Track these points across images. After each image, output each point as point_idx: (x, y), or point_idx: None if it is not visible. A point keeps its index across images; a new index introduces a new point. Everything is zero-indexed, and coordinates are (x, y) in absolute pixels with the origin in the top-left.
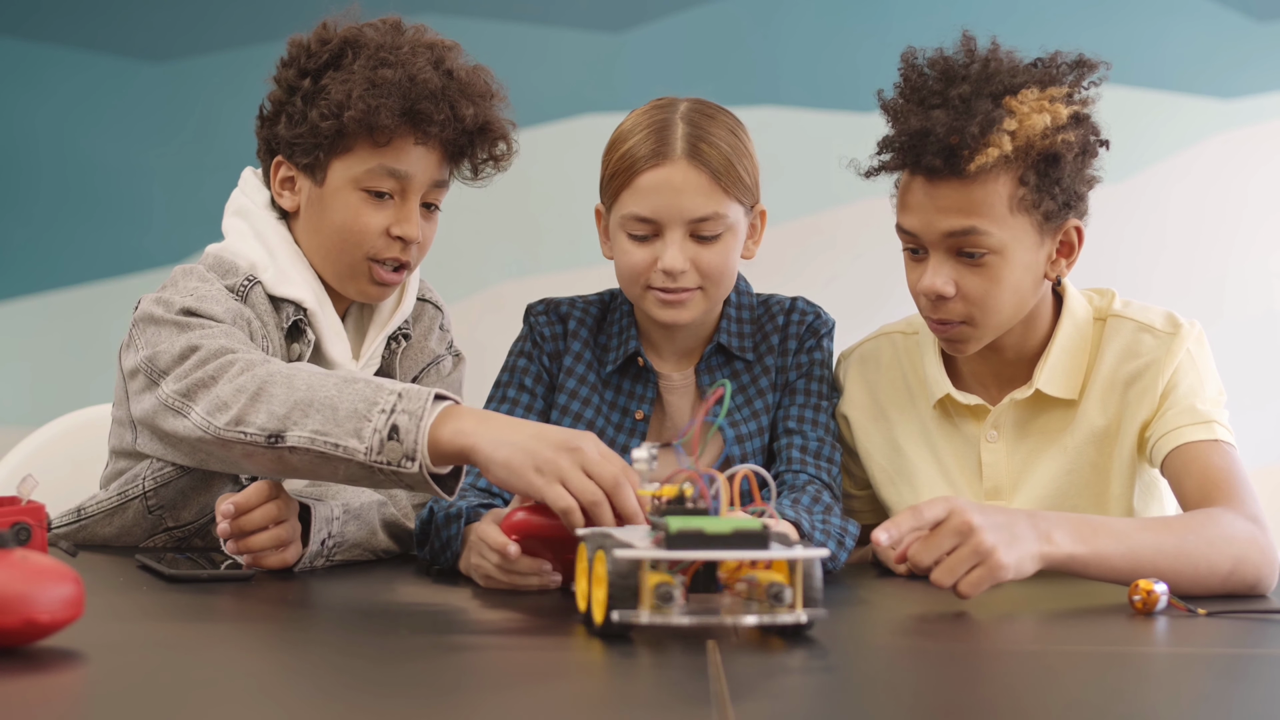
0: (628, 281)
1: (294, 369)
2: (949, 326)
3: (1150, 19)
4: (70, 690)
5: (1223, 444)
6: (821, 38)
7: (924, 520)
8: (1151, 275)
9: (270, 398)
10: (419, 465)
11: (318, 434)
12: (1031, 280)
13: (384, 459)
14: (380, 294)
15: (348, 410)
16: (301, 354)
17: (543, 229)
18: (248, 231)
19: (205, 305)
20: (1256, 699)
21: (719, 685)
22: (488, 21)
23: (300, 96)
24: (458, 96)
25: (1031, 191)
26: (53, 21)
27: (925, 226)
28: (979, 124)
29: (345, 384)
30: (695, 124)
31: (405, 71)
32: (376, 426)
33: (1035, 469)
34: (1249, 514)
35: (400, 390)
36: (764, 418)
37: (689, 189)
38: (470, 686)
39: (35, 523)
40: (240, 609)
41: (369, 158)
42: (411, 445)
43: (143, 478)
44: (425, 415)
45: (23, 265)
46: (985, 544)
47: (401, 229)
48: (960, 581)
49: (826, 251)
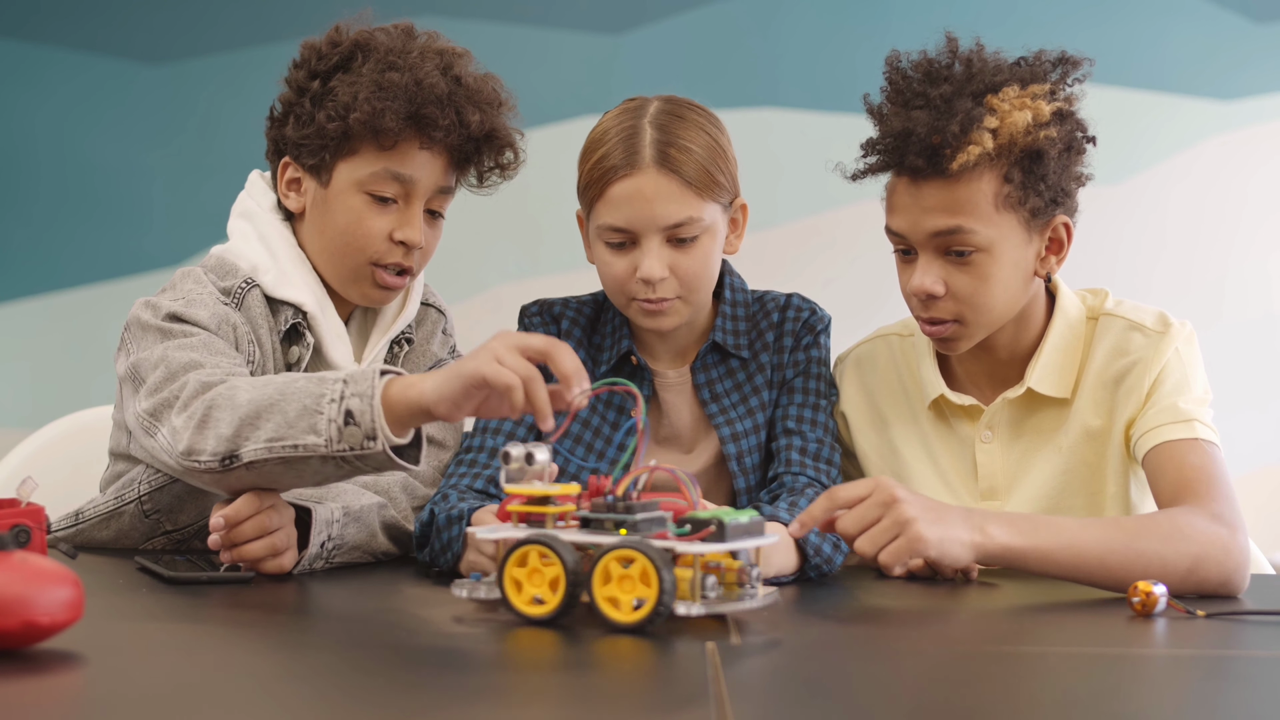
0: (612, 293)
1: (235, 386)
2: (940, 326)
3: (1149, 20)
4: (70, 692)
5: (1202, 443)
6: (820, 40)
7: (837, 501)
8: (1151, 276)
9: (216, 421)
10: (381, 443)
11: (274, 440)
12: (1021, 277)
13: (345, 446)
14: (383, 298)
15: (297, 410)
16: (300, 357)
17: (542, 231)
18: (251, 233)
19: (191, 310)
20: (1255, 701)
21: (718, 686)
22: (487, 23)
23: (309, 98)
24: (464, 103)
25: (1017, 189)
26: (53, 23)
27: (912, 227)
28: (959, 123)
29: (287, 386)
30: (664, 128)
31: (412, 76)
32: (330, 416)
33: (1030, 469)
34: (1215, 513)
35: (344, 377)
36: (759, 415)
37: (660, 197)
38: (470, 688)
39: (35, 525)
40: (240, 611)
41: (374, 161)
42: (370, 425)
43: (138, 482)
44: (375, 394)
45: (23, 267)
46: (905, 515)
47: (404, 233)
48: (881, 551)
49: (825, 253)
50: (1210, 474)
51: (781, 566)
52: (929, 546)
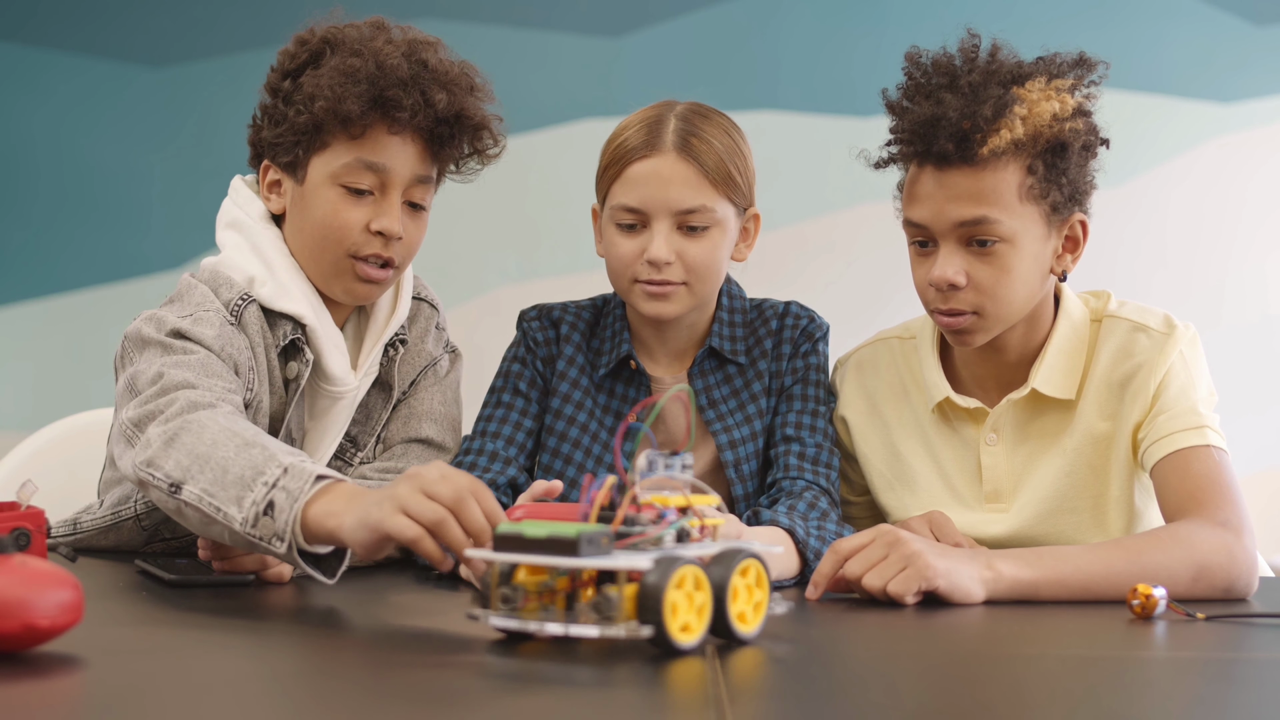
0: (616, 274)
1: (211, 418)
2: (958, 318)
3: (1148, 23)
4: (70, 695)
5: (1211, 449)
6: (819, 42)
7: (842, 553)
8: (1150, 279)
9: (181, 445)
10: (287, 546)
11: (205, 493)
12: (1039, 273)
13: (257, 533)
14: (368, 292)
15: (236, 475)
16: (300, 373)
17: (541, 233)
18: (244, 244)
19: (197, 328)
20: (1255, 704)
21: (718, 690)
22: (487, 26)
23: (281, 98)
24: (429, 84)
25: (1039, 181)
26: (51, 26)
27: (936, 216)
28: (991, 107)
29: (244, 447)
30: (689, 121)
31: (375, 60)
32: (256, 499)
33: (1035, 471)
34: (1220, 520)
35: (287, 465)
36: (757, 422)
37: (677, 180)
38: (469, 692)
39: (35, 528)
40: (240, 614)
41: (345, 152)
42: (283, 525)
43: (134, 500)
44: (301, 496)
45: (22, 270)
46: (912, 548)
47: (381, 223)
48: (890, 582)
49: (823, 256)
50: (1216, 480)
51: (784, 570)
52: (938, 575)
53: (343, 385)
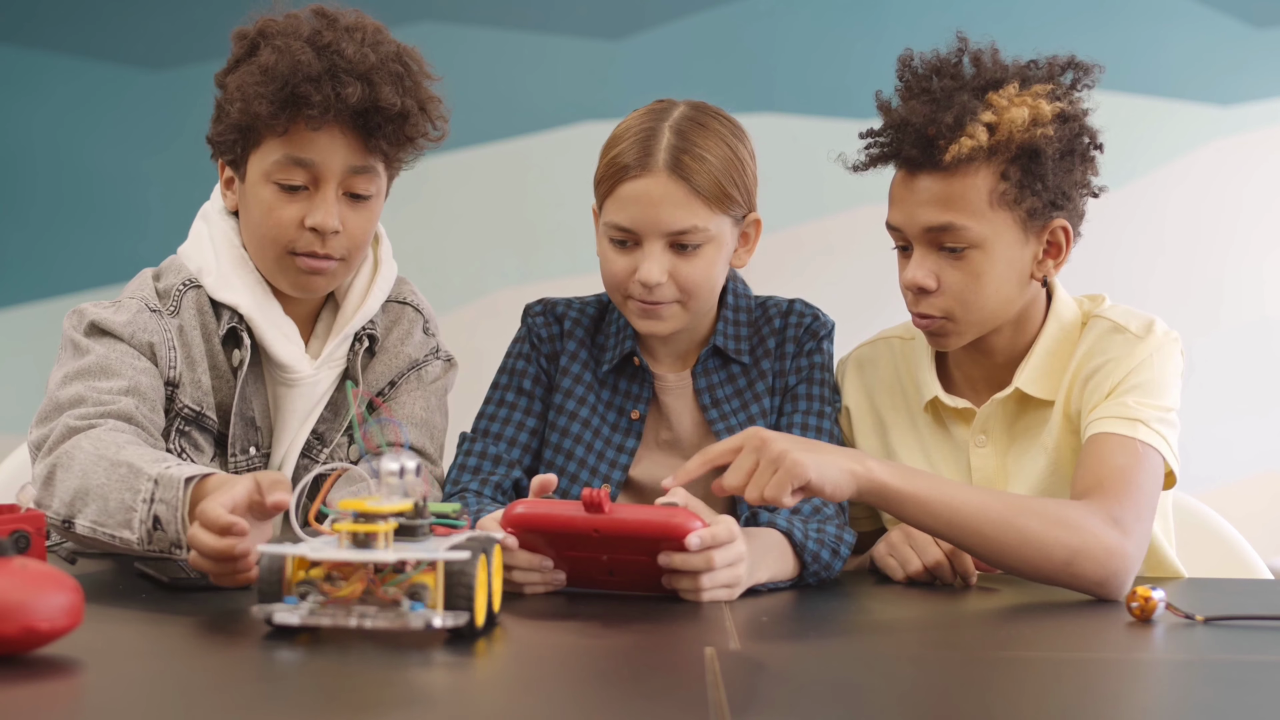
0: (610, 289)
1: (77, 445)
2: (930, 321)
3: (1147, 25)
4: (69, 698)
5: (1139, 444)
6: (815, 46)
7: (710, 455)
8: (1148, 281)
9: (57, 483)
10: (187, 551)
11: (96, 524)
12: (1015, 278)
13: (156, 549)
14: (314, 284)
15: (116, 501)
16: (241, 360)
17: (540, 236)
18: (205, 235)
19: (114, 316)
20: (1254, 706)
21: (717, 693)
22: (485, 29)
23: (224, 95)
24: (343, 75)
25: (1014, 187)
26: (50, 28)
27: (907, 220)
28: (954, 114)
29: (113, 469)
30: (683, 134)
31: (287, 57)
32: (142, 517)
33: (1021, 471)
34: (1114, 515)
35: (155, 475)
36: (760, 422)
37: (668, 202)
38: (468, 692)
39: (34, 530)
40: (239, 615)
41: (276, 149)
42: (175, 534)
43: None
44: (179, 504)
45: (20, 272)
46: (777, 449)
47: (314, 219)
48: (765, 489)
49: (820, 259)
50: (1130, 477)
51: (779, 572)
52: (807, 469)
53: (295, 372)
